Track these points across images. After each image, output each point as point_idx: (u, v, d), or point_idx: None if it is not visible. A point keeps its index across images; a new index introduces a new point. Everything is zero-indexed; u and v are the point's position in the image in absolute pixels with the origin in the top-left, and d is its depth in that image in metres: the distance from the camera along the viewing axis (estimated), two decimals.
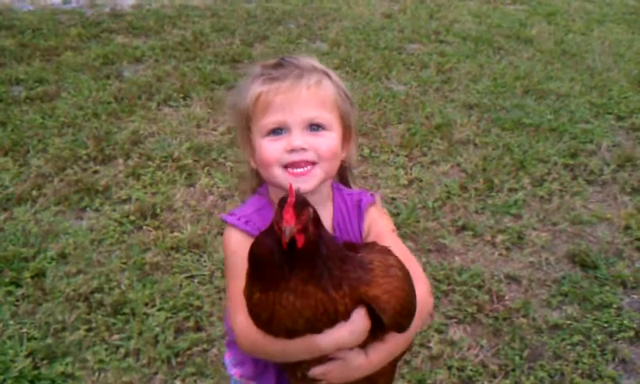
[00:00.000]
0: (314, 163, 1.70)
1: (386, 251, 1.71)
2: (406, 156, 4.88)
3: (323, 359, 1.64)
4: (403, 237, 3.92)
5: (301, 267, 1.52)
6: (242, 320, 1.64)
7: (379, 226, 1.85)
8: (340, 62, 6.65)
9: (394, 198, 4.34)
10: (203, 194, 4.32)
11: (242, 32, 7.51)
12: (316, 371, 1.66)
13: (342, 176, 1.92)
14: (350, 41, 7.34)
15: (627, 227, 4.13)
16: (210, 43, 7.16)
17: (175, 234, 3.89)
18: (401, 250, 1.77)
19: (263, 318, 1.57)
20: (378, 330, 1.62)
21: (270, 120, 1.69)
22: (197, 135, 5.08)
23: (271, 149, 1.69)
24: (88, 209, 4.13)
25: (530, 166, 4.76)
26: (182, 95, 5.77)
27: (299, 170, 1.68)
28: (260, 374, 1.88)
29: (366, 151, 4.90)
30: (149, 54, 6.73)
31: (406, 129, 5.26)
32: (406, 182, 4.53)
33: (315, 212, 1.55)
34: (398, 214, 4.13)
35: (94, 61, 6.49)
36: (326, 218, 1.76)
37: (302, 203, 1.49)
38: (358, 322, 1.57)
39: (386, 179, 4.56)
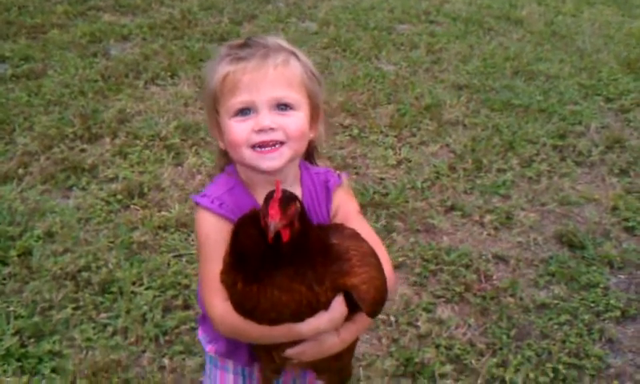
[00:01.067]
0: (282, 143, 1.69)
1: (357, 237, 1.74)
2: (396, 136, 4.87)
3: (299, 340, 1.68)
4: (392, 217, 3.93)
5: (286, 263, 1.54)
6: (218, 304, 1.66)
7: (347, 207, 1.88)
8: (329, 42, 6.60)
9: (382, 178, 4.34)
10: (191, 173, 4.30)
11: (231, 11, 7.44)
12: (291, 352, 1.71)
13: (309, 154, 1.93)
14: (339, 20, 7.28)
15: (615, 208, 4.15)
16: (198, 22, 7.08)
17: (163, 213, 3.87)
18: (367, 231, 1.81)
19: (247, 308, 1.59)
20: (350, 312, 1.66)
21: (237, 100, 1.68)
22: (184, 114, 5.05)
23: (239, 129, 1.69)
24: (75, 187, 4.10)
25: (519, 146, 4.77)
26: (169, 74, 5.71)
27: (267, 149, 1.68)
28: (233, 350, 1.91)
29: (355, 131, 4.89)
30: (136, 32, 6.64)
31: (396, 109, 5.25)
32: (394, 162, 4.52)
33: (302, 206, 1.56)
34: (387, 194, 4.13)
35: (81, 39, 6.41)
36: None
37: (288, 198, 1.50)
38: (337, 309, 1.62)
39: (375, 159, 4.55)
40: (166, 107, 5.12)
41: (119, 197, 3.98)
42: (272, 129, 1.67)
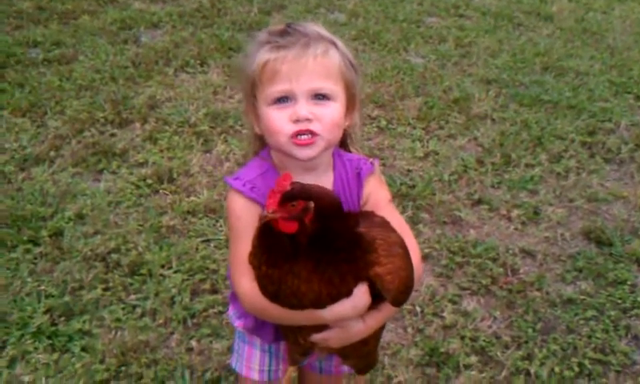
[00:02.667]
0: (317, 133, 1.72)
1: (386, 225, 1.76)
2: (423, 129, 4.86)
3: (324, 325, 1.72)
4: (418, 208, 3.93)
5: (307, 255, 1.57)
6: (245, 284, 1.72)
7: (378, 195, 1.91)
8: (358, 34, 6.60)
9: (409, 170, 4.34)
10: (219, 161, 4.33)
11: (260, 0, 7.46)
12: (316, 337, 1.75)
13: (342, 142, 1.95)
14: (368, 12, 7.28)
15: None
16: (227, 11, 7.11)
17: (192, 198, 3.91)
18: (397, 220, 1.84)
19: (269, 291, 1.63)
20: (375, 300, 1.68)
21: (277, 89, 1.71)
22: (213, 102, 5.08)
23: (277, 117, 1.72)
24: (105, 171, 4.16)
25: (548, 142, 4.74)
26: (199, 62, 5.75)
27: (304, 138, 1.71)
28: (260, 326, 1.96)
29: (383, 123, 4.89)
30: (166, 20, 6.69)
31: (424, 102, 5.24)
32: (422, 155, 4.52)
33: (333, 206, 1.58)
34: (414, 186, 4.13)
35: (111, 25, 6.47)
36: (327, 185, 1.80)
37: (296, 195, 1.52)
38: (361, 298, 1.64)
39: (403, 151, 4.55)
40: (196, 95, 5.16)
41: (149, 181, 4.03)
42: (309, 119, 1.70)
